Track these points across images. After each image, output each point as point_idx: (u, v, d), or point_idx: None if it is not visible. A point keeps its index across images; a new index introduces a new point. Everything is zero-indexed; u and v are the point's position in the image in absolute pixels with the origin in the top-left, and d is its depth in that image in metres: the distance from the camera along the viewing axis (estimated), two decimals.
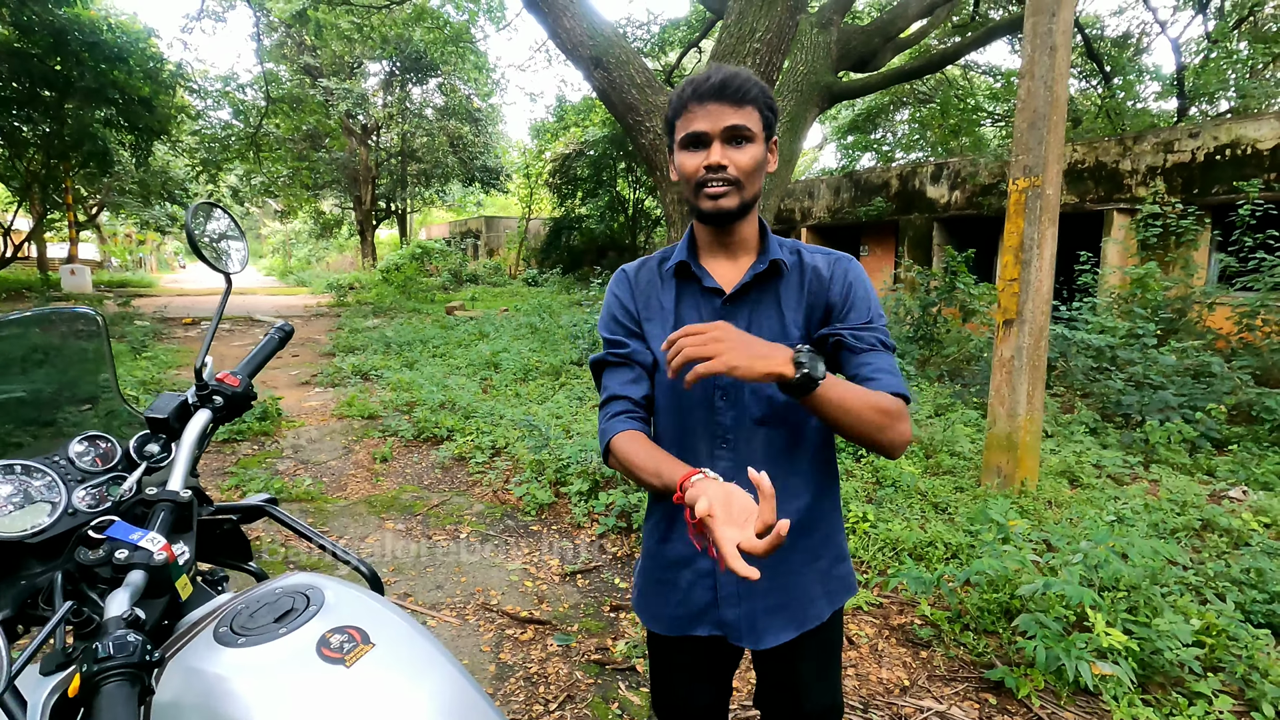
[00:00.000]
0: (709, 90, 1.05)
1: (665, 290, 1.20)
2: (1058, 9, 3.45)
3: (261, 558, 3.21)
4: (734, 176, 1.06)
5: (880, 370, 1.07)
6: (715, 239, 1.17)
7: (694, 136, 1.07)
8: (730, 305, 1.14)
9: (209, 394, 1.07)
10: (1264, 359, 5.63)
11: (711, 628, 1.18)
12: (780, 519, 0.98)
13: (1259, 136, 7.41)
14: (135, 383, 6.16)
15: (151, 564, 0.82)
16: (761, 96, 1.08)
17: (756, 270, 1.13)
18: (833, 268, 1.15)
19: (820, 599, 1.20)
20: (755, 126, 1.07)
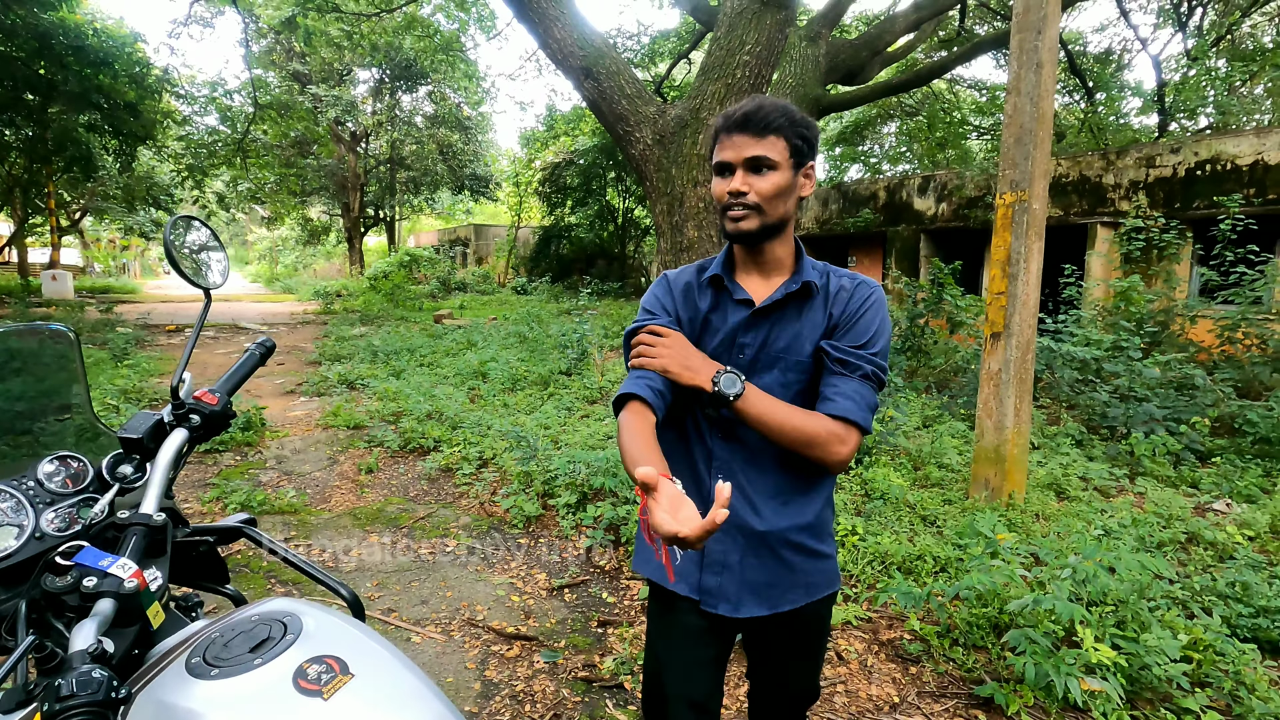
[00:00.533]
0: (734, 123, 1.16)
1: (702, 297, 1.30)
2: (1043, 27, 3.49)
3: (243, 572, 3.16)
4: (754, 202, 1.16)
5: (840, 393, 1.17)
6: (748, 257, 1.27)
7: (721, 165, 1.19)
8: (757, 317, 1.24)
9: (186, 413, 1.04)
10: (1245, 372, 5.69)
11: (690, 589, 1.27)
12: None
13: (1238, 152, 7.54)
14: (116, 391, 6.06)
15: (121, 592, 0.79)
16: (788, 126, 1.15)
17: (789, 289, 1.22)
18: (854, 290, 1.25)
19: (798, 588, 1.28)
20: (778, 155, 1.15)
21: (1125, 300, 6.53)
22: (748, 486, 1.24)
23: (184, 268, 1.12)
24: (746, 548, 1.25)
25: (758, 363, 1.23)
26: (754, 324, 1.24)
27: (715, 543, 1.24)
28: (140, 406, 5.93)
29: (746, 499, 1.24)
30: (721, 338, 1.25)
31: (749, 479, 1.24)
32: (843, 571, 3.09)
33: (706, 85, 5.35)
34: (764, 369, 1.23)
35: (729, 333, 1.25)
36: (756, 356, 1.23)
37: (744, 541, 1.25)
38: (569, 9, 5.51)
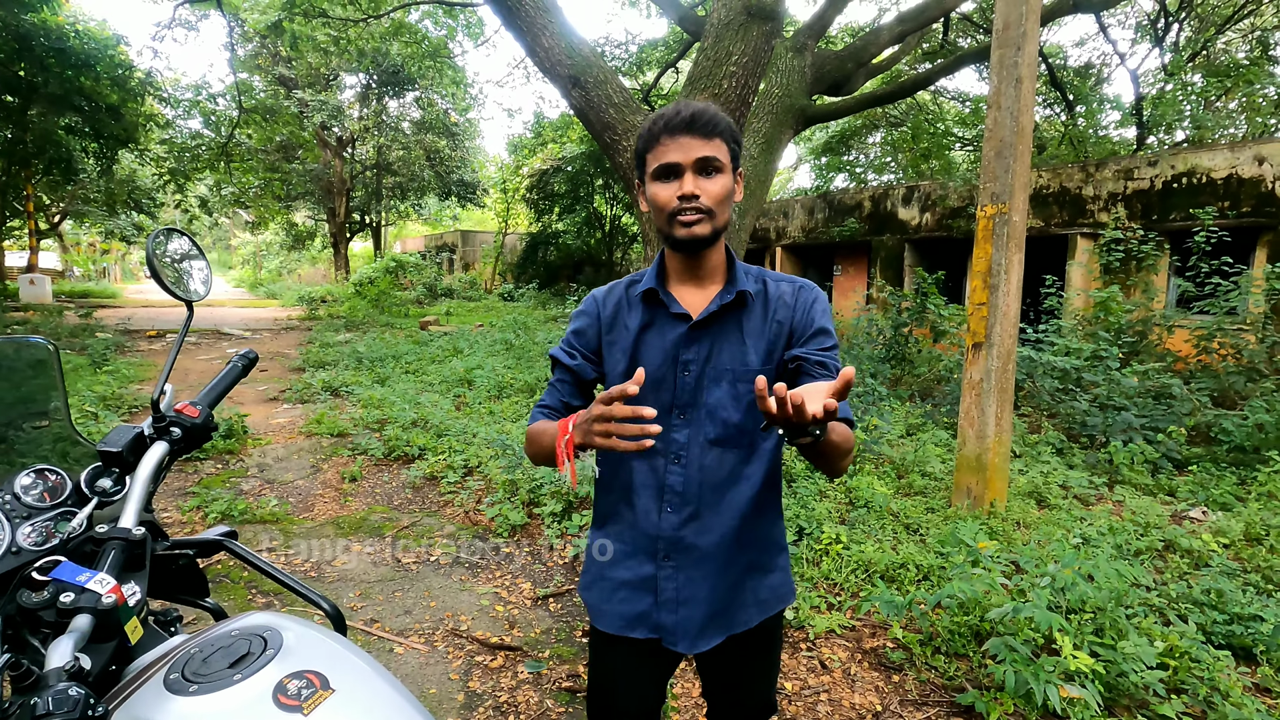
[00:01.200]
0: (680, 124, 1.10)
1: (632, 314, 1.24)
2: (1023, 43, 3.55)
3: (224, 583, 3.12)
4: (706, 206, 1.11)
5: None
6: (685, 266, 1.21)
7: (667, 168, 1.12)
8: (696, 331, 1.19)
9: (167, 425, 1.03)
10: (1220, 381, 5.80)
11: (648, 631, 1.23)
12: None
13: (1213, 166, 7.70)
14: (95, 398, 5.97)
15: (99, 608, 0.78)
16: (729, 130, 1.14)
17: (724, 300, 1.18)
18: (797, 295, 1.22)
19: (751, 607, 1.26)
20: (724, 158, 1.13)
21: (1104, 310, 6.63)
22: (704, 513, 1.20)
23: (167, 280, 1.11)
24: (704, 578, 1.21)
25: (704, 378, 1.19)
26: (694, 339, 1.19)
27: (668, 580, 1.21)
28: (120, 414, 5.84)
29: (704, 526, 1.21)
30: (662, 356, 1.20)
31: (705, 505, 1.20)
32: (826, 579, 3.11)
33: (694, 95, 5.39)
34: (712, 384, 1.19)
35: (669, 351, 1.20)
36: (703, 372, 1.19)
37: (702, 572, 1.21)
38: (557, 17, 5.53)
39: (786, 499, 3.79)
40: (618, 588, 1.25)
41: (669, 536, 1.20)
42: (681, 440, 1.20)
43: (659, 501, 1.21)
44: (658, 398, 1.20)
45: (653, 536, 1.21)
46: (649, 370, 1.19)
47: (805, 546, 3.33)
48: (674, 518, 1.20)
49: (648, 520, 1.21)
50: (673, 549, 1.21)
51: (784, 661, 2.58)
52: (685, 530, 1.20)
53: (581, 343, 1.28)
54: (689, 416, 1.20)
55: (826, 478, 4.25)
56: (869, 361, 6.71)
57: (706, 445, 1.19)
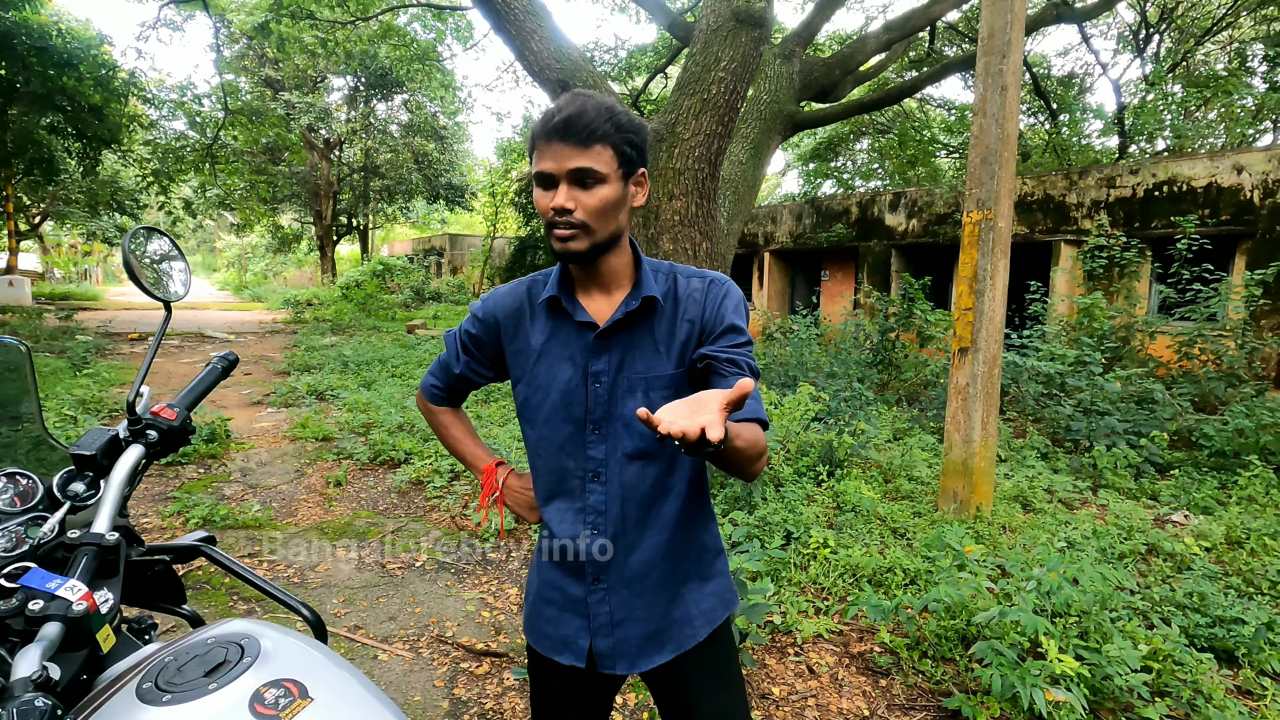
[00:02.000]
0: (553, 129, 1.00)
1: (535, 323, 1.17)
2: (1008, 51, 3.59)
3: (204, 589, 3.07)
4: (580, 220, 1.02)
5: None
6: (584, 274, 1.14)
7: (542, 177, 1.03)
8: (603, 339, 1.12)
9: (143, 428, 1.01)
10: (1201, 386, 5.88)
11: (573, 658, 1.17)
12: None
13: (1193, 174, 7.82)
14: (74, 401, 5.88)
15: (69, 615, 0.76)
16: (615, 132, 1.02)
17: (629, 307, 1.11)
18: (707, 291, 1.14)
19: (697, 619, 1.19)
20: (605, 167, 1.02)
21: (1088, 316, 6.71)
22: (630, 530, 1.14)
23: (144, 280, 1.09)
24: (637, 594, 1.15)
25: (617, 389, 1.11)
26: (602, 348, 1.12)
27: (600, 603, 1.15)
28: (100, 417, 5.75)
29: (631, 544, 1.15)
30: (571, 369, 1.13)
31: (630, 522, 1.14)
32: (814, 584, 3.11)
33: (682, 100, 5.40)
34: (626, 394, 1.11)
35: (578, 362, 1.13)
36: (615, 382, 1.11)
37: (635, 590, 1.15)
38: (546, 22, 5.53)
39: (775, 503, 3.79)
40: (546, 607, 1.20)
41: (595, 559, 1.14)
42: (599, 457, 1.13)
43: (582, 522, 1.15)
44: (569, 413, 1.13)
45: (578, 558, 1.15)
46: (557, 384, 1.13)
47: (793, 551, 3.33)
48: (599, 538, 1.14)
49: (573, 543, 1.15)
50: (601, 571, 1.15)
51: (772, 666, 2.58)
52: (614, 550, 1.14)
53: (478, 350, 1.24)
54: (604, 431, 1.12)
55: (814, 480, 4.26)
56: (857, 366, 6.74)
57: (625, 460, 1.12)
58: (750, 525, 3.54)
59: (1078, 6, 9.97)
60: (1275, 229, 7.18)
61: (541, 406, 1.15)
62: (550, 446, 1.16)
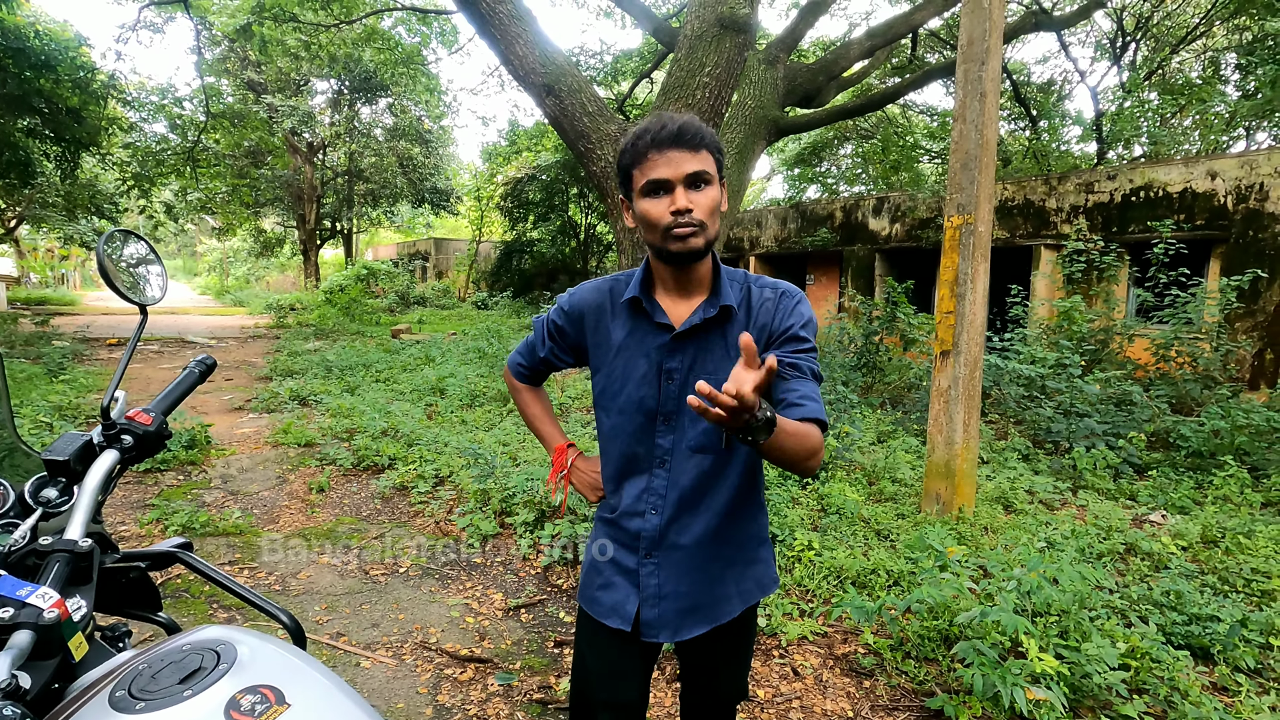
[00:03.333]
0: (666, 138, 1.10)
1: (616, 321, 1.27)
2: (986, 58, 3.64)
3: (183, 597, 3.03)
4: (699, 219, 1.12)
5: (806, 397, 1.12)
6: (672, 277, 1.22)
7: (657, 183, 1.12)
8: (679, 340, 1.21)
9: (117, 433, 1.00)
10: (1178, 388, 5.98)
11: (622, 622, 1.27)
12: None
13: (1169, 180, 7.97)
14: (50, 408, 5.78)
15: (40, 623, 0.75)
16: (713, 142, 1.14)
17: (707, 314, 1.19)
18: (778, 301, 1.22)
19: (734, 598, 1.31)
20: (712, 170, 1.14)
21: (1067, 319, 6.80)
22: (684, 514, 1.25)
23: (119, 283, 1.08)
24: (684, 572, 1.27)
25: (689, 386, 1.20)
26: (677, 348, 1.21)
27: (650, 575, 1.26)
28: (76, 424, 5.66)
29: (684, 526, 1.25)
30: (647, 365, 1.23)
31: (685, 506, 1.25)
32: (799, 586, 3.12)
33: (667, 105, 5.43)
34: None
35: (654, 359, 1.22)
36: (686, 381, 1.21)
37: (683, 568, 1.26)
38: (531, 27, 5.54)
39: None
40: (599, 574, 1.32)
41: (651, 535, 1.26)
42: (666, 446, 1.24)
43: (644, 502, 1.26)
44: (643, 404, 1.23)
45: (635, 534, 1.27)
46: (634, 378, 1.24)
47: (778, 553, 3.35)
48: (656, 519, 1.25)
49: (632, 519, 1.27)
50: (654, 547, 1.26)
51: (756, 669, 2.58)
52: (668, 530, 1.25)
53: (561, 339, 1.36)
54: (673, 423, 1.23)
55: (799, 483, 4.28)
56: (841, 369, 6.78)
57: (689, 452, 1.23)
58: None
59: (1056, 15, 10.14)
60: (1248, 234, 7.33)
61: (618, 397, 1.26)
62: (623, 433, 1.27)
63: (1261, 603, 2.94)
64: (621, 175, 1.19)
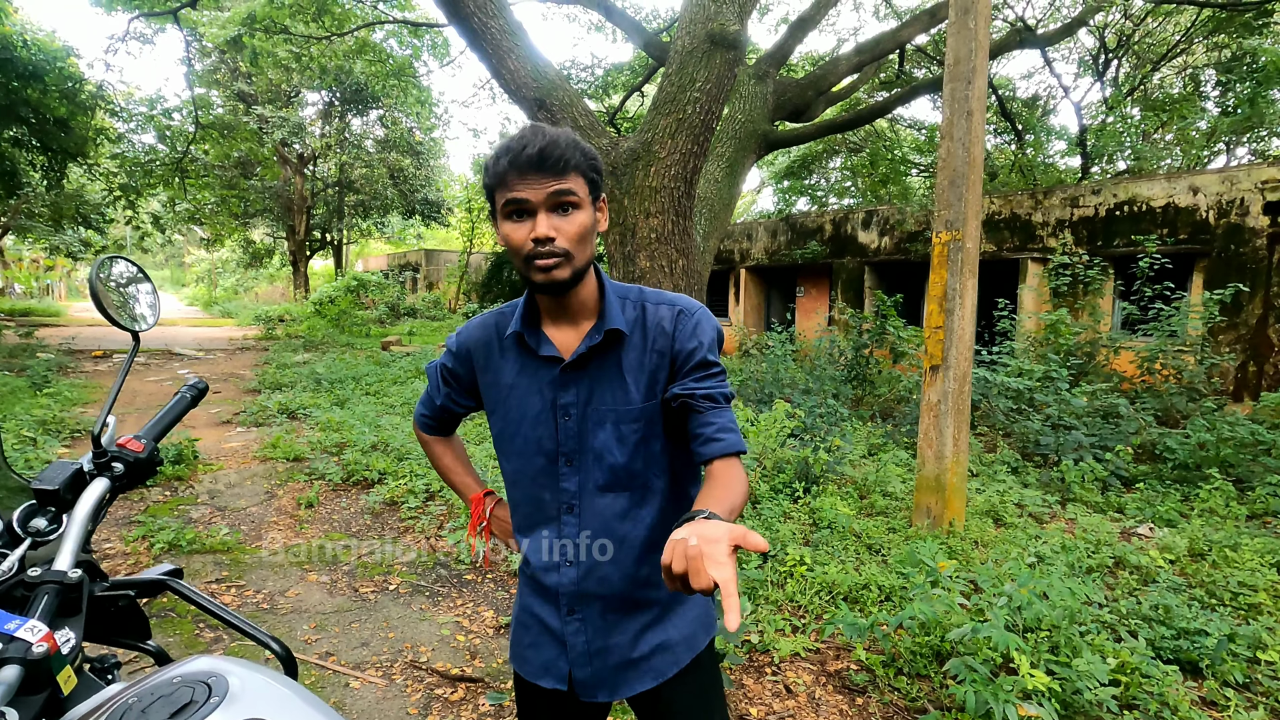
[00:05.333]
0: (527, 162, 0.99)
1: (505, 357, 1.17)
2: (972, 77, 3.70)
3: (169, 617, 2.98)
4: (562, 248, 1.02)
5: (724, 429, 1.07)
6: (552, 305, 1.13)
7: (515, 205, 1.01)
8: (569, 372, 1.12)
9: (108, 460, 0.99)
10: (1164, 401, 6.04)
11: (556, 681, 1.17)
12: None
13: (1152, 195, 8.09)
14: (34, 422, 5.71)
15: (29, 658, 0.74)
16: (584, 161, 1.03)
17: (592, 341, 1.10)
18: (676, 321, 1.13)
19: (677, 645, 1.18)
20: (581, 192, 1.03)
21: (1054, 332, 6.87)
22: (599, 561, 1.14)
23: (111, 309, 1.07)
24: (613, 626, 1.15)
25: (587, 420, 1.11)
26: (569, 381, 1.12)
27: (576, 634, 1.15)
28: (61, 438, 5.59)
29: (604, 576, 1.14)
30: (540, 403, 1.13)
31: (599, 552, 1.14)
32: (791, 602, 3.12)
33: (658, 119, 5.46)
34: (595, 427, 1.11)
35: (546, 396, 1.13)
36: (584, 415, 1.11)
37: (611, 621, 1.15)
38: (523, 40, 5.57)
39: (751, 521, 3.80)
40: (526, 631, 1.21)
41: (570, 590, 1.14)
42: (572, 489, 1.13)
43: (556, 554, 1.15)
44: (541, 446, 1.13)
45: (553, 590, 1.15)
46: (528, 418, 1.14)
47: (770, 569, 3.34)
48: (572, 571, 1.14)
49: (548, 574, 1.16)
50: (576, 602, 1.15)
51: (749, 686, 2.57)
52: (586, 582, 1.14)
53: (455, 383, 1.27)
54: (576, 463, 1.13)
55: (790, 497, 4.28)
56: (831, 382, 6.81)
57: (597, 491, 1.12)
58: None
59: (1040, 33, 10.31)
60: (1230, 248, 7.45)
61: (514, 439, 1.16)
62: (525, 478, 1.17)
63: (1248, 616, 2.97)
64: (486, 193, 1.07)
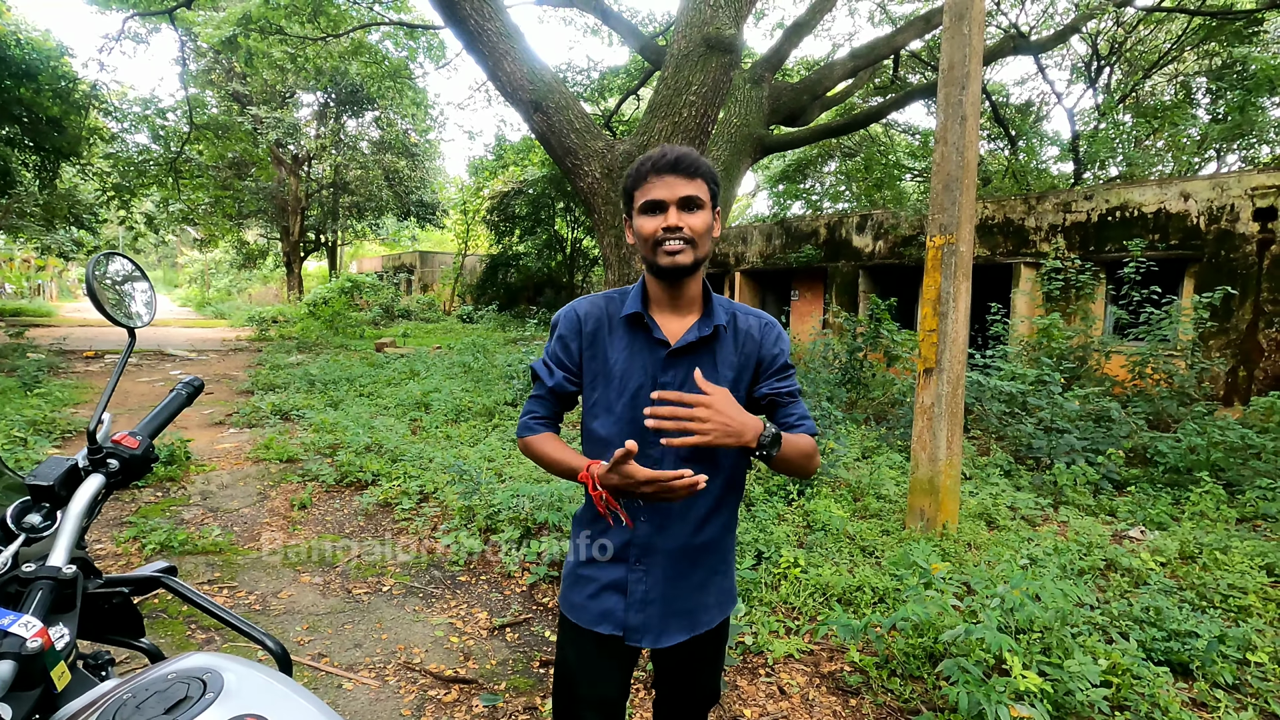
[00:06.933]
0: (665, 165, 1.24)
1: (614, 336, 1.35)
2: (967, 83, 3.72)
3: (161, 618, 2.97)
4: (689, 236, 1.24)
5: (802, 418, 1.35)
6: (665, 294, 1.32)
7: (653, 204, 1.25)
8: (674, 356, 1.31)
9: (103, 457, 0.99)
10: (1155, 404, 6.08)
11: (613, 628, 1.34)
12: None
13: (1143, 200, 8.15)
14: (24, 423, 5.67)
15: (23, 653, 0.74)
16: (709, 172, 1.28)
17: (702, 333, 1.31)
18: (763, 331, 1.37)
19: (713, 607, 1.41)
20: (705, 196, 1.27)
21: (1047, 336, 6.91)
22: (672, 522, 1.33)
23: (107, 306, 1.07)
24: (669, 578, 1.34)
25: None
26: (672, 364, 1.31)
27: (638, 581, 1.33)
28: (52, 439, 5.56)
29: (671, 533, 1.33)
30: (642, 378, 1.31)
31: (673, 514, 1.32)
32: (785, 604, 3.13)
33: (654, 123, 5.48)
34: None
35: (649, 373, 1.31)
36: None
37: (668, 575, 1.34)
38: (519, 43, 5.58)
39: (746, 523, 3.81)
40: (588, 584, 1.37)
41: (641, 542, 1.33)
42: (657, 456, 1.30)
43: (634, 510, 1.32)
44: (636, 414, 1.29)
45: (626, 542, 1.33)
46: (629, 390, 1.31)
47: (764, 570, 3.35)
48: (646, 526, 1.32)
49: (623, 527, 1.32)
50: (643, 554, 1.33)
51: (743, 688, 2.58)
52: (655, 537, 1.32)
53: (566, 356, 1.37)
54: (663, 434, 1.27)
55: (785, 499, 4.30)
56: (825, 385, 6.83)
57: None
58: None
59: (1033, 39, 10.38)
60: (1220, 253, 7.51)
61: (613, 408, 1.33)
62: (617, 443, 1.27)
63: (1238, 618, 2.99)
64: (624, 196, 1.32)
